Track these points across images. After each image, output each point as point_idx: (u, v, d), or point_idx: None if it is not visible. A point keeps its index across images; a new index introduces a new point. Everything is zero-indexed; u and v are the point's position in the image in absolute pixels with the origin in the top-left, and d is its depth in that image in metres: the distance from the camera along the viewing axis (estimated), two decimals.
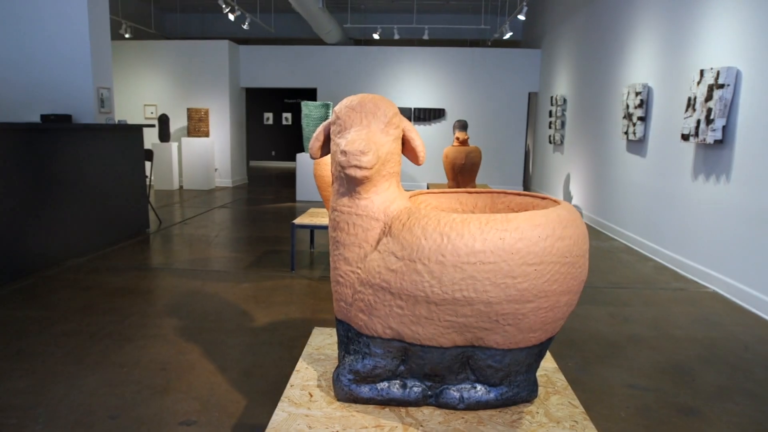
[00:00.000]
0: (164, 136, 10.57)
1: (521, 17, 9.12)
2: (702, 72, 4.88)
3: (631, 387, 2.91)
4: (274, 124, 18.14)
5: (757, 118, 4.28)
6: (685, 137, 5.09)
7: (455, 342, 1.63)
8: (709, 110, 4.71)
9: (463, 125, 8.18)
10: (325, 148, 1.81)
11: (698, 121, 4.87)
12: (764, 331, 3.77)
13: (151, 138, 11.14)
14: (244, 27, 10.69)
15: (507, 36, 11.03)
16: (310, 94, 17.01)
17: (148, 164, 9.68)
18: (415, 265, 1.52)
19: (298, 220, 5.03)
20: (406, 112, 11.76)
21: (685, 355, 3.35)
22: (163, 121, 10.52)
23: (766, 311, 4.01)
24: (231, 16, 9.71)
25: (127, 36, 11.17)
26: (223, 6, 9.70)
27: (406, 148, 1.79)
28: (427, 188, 8.56)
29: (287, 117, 18.05)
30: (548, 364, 2.08)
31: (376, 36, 12.07)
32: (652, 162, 6.09)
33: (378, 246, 1.63)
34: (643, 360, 3.26)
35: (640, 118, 6.30)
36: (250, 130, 17.34)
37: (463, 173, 7.99)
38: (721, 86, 4.61)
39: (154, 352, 3.16)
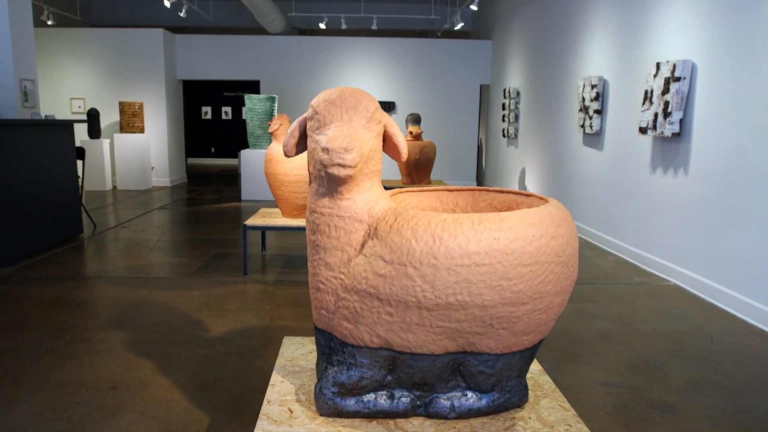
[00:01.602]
0: (94, 132, 10.15)
1: (473, 7, 9.22)
2: (658, 65, 5.05)
3: (606, 385, 2.98)
4: (213, 118, 17.75)
5: (712, 111, 4.46)
6: (642, 130, 5.26)
7: (447, 348, 1.61)
8: (667, 103, 4.88)
9: (416, 119, 8.21)
10: (301, 145, 1.76)
11: (656, 114, 5.04)
12: (727, 323, 3.94)
13: (79, 135, 10.68)
14: (181, 14, 10.39)
15: (458, 27, 11.14)
16: (253, 87, 16.71)
17: (79, 163, 9.28)
18: (405, 268, 1.50)
19: (250, 221, 4.92)
20: None
21: (654, 349, 3.45)
22: (93, 116, 10.10)
23: (727, 303, 4.20)
24: (167, 3, 9.41)
25: (49, 23, 10.67)
26: None
27: (387, 144, 1.76)
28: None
29: (227, 111, 17.69)
30: (533, 366, 2.10)
31: (322, 26, 11.96)
32: (609, 155, 6.28)
33: (363, 249, 1.59)
34: (614, 356, 3.35)
35: (597, 111, 6.48)
36: (187, 125, 16.90)
37: (417, 169, 8.02)
38: (678, 79, 4.78)
39: (102, 369, 3.02)
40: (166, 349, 3.29)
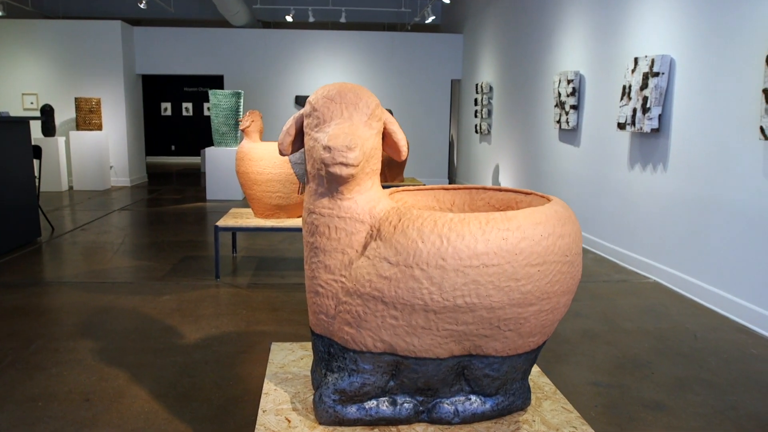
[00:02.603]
0: (49, 129, 9.88)
1: (446, 0, 9.26)
2: (636, 60, 5.15)
3: (595, 384, 3.02)
4: (173, 115, 17.45)
5: (691, 106, 4.57)
6: (621, 126, 5.36)
7: (452, 352, 1.60)
8: (645, 98, 4.98)
9: None
10: (297, 143, 1.74)
11: (634, 110, 5.14)
12: (709, 319, 4.04)
13: (32, 132, 10.37)
14: (141, 6, 10.18)
15: (429, 20, 11.18)
16: (216, 82, 16.50)
17: (36, 163, 9.02)
18: (411, 270, 1.49)
19: (221, 222, 4.85)
20: None
21: (639, 348, 3.52)
22: (47, 112, 9.82)
23: (708, 299, 4.30)
24: None
25: None
26: None
27: (386, 142, 1.75)
28: None
29: (188, 107, 17.42)
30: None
31: (289, 18, 11.86)
32: (586, 151, 6.38)
33: (366, 251, 1.58)
34: (601, 355, 3.40)
35: (573, 107, 6.57)
36: (146, 122, 16.58)
37: (390, 167, 8.02)
38: (656, 74, 4.88)
39: (72, 380, 2.93)
40: (139, 358, 3.22)
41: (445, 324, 1.53)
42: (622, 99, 5.36)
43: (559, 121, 6.89)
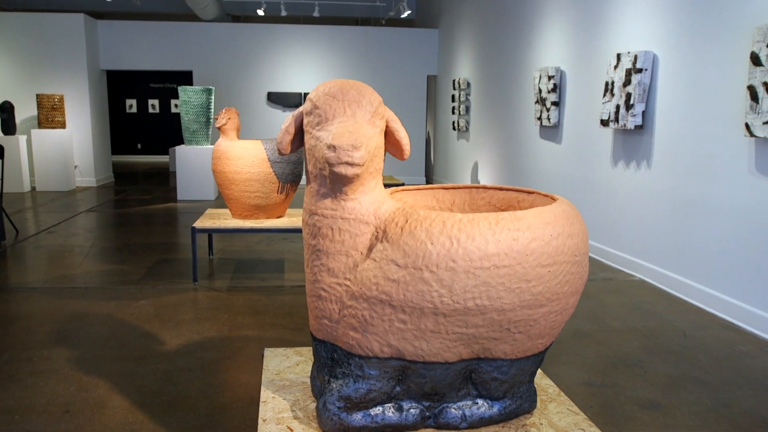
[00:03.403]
0: (9, 128, 9.64)
1: None
2: (619, 56, 5.22)
3: (589, 384, 3.06)
4: (139, 112, 17.18)
5: (674, 103, 4.64)
6: (604, 123, 5.43)
7: (461, 356, 1.60)
8: (629, 95, 5.05)
9: None
10: (296, 141, 1.71)
11: (618, 106, 5.21)
12: (697, 316, 4.12)
13: None
14: None
15: (405, 14, 11.19)
16: (184, 78, 16.25)
17: None
18: (421, 273, 1.48)
19: (198, 223, 4.79)
20: (296, 98, 11.59)
21: (630, 346, 3.57)
22: (7, 109, 9.59)
23: (695, 297, 4.38)
24: None
25: None
26: None
27: (389, 141, 1.74)
28: None
29: (154, 104, 17.16)
30: None
31: (260, 12, 11.75)
32: (568, 148, 6.45)
33: (371, 253, 1.56)
34: (593, 355, 3.44)
35: (554, 103, 6.64)
36: (111, 119, 16.29)
37: None
38: (639, 70, 4.95)
39: (49, 391, 2.86)
40: (119, 366, 3.16)
41: (455, 327, 1.52)
42: (604, 95, 5.42)
43: (540, 118, 6.95)
